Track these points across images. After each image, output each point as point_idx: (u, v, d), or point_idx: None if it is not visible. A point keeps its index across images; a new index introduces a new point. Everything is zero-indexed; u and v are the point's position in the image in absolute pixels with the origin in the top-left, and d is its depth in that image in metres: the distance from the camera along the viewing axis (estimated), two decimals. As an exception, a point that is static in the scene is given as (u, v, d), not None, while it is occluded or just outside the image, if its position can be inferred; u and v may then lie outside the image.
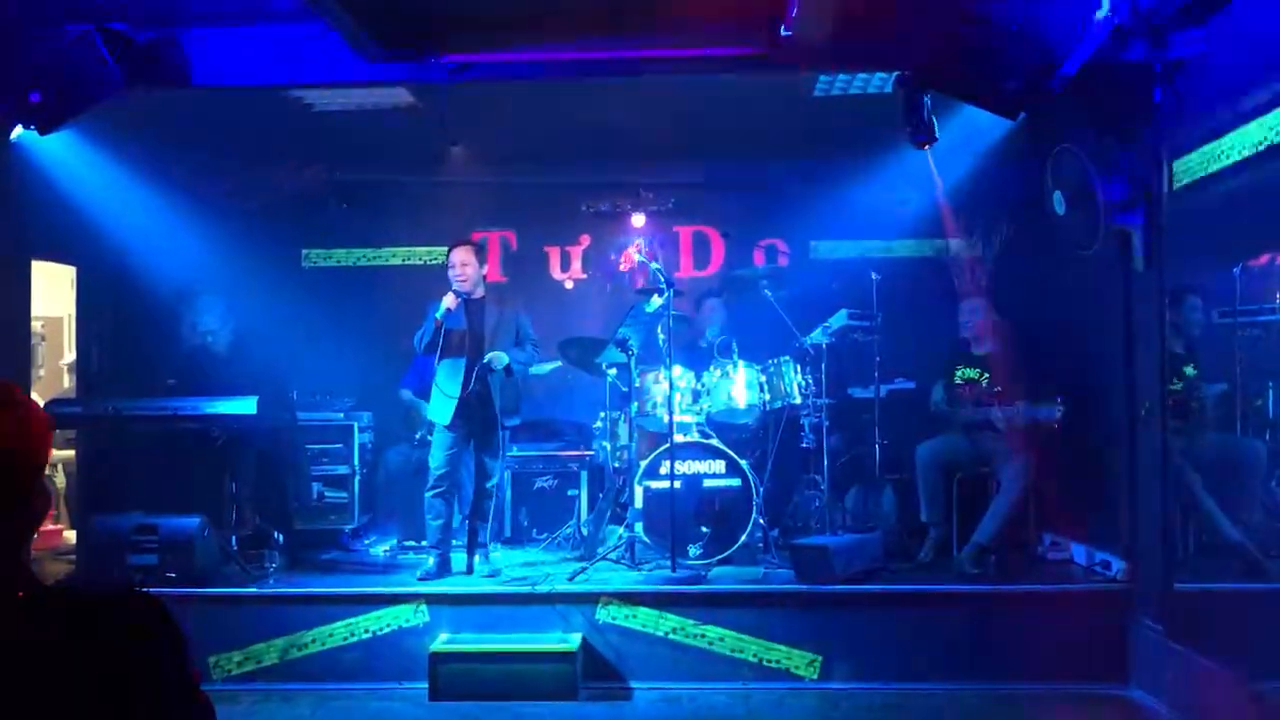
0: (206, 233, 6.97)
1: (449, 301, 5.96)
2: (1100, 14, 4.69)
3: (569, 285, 8.32)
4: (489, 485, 6.17)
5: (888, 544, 6.31)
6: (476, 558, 6.15)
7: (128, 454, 6.41)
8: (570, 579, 5.79)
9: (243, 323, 6.83)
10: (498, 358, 6.03)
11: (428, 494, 6.10)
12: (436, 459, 6.08)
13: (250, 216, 7.58)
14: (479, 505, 6.21)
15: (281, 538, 6.50)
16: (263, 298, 7.01)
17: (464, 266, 6.09)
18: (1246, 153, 5.23)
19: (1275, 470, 6.18)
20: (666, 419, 6.20)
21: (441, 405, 6.05)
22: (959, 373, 6.51)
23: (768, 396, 6.59)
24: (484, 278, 6.24)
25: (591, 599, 5.58)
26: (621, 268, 8.00)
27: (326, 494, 7.11)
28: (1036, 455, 6.12)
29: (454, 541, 6.24)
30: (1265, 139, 5.14)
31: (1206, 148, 5.44)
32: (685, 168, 8.01)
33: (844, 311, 6.69)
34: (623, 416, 6.71)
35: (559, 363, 7.31)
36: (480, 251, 6.26)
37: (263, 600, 5.68)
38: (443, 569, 6.04)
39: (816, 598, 5.57)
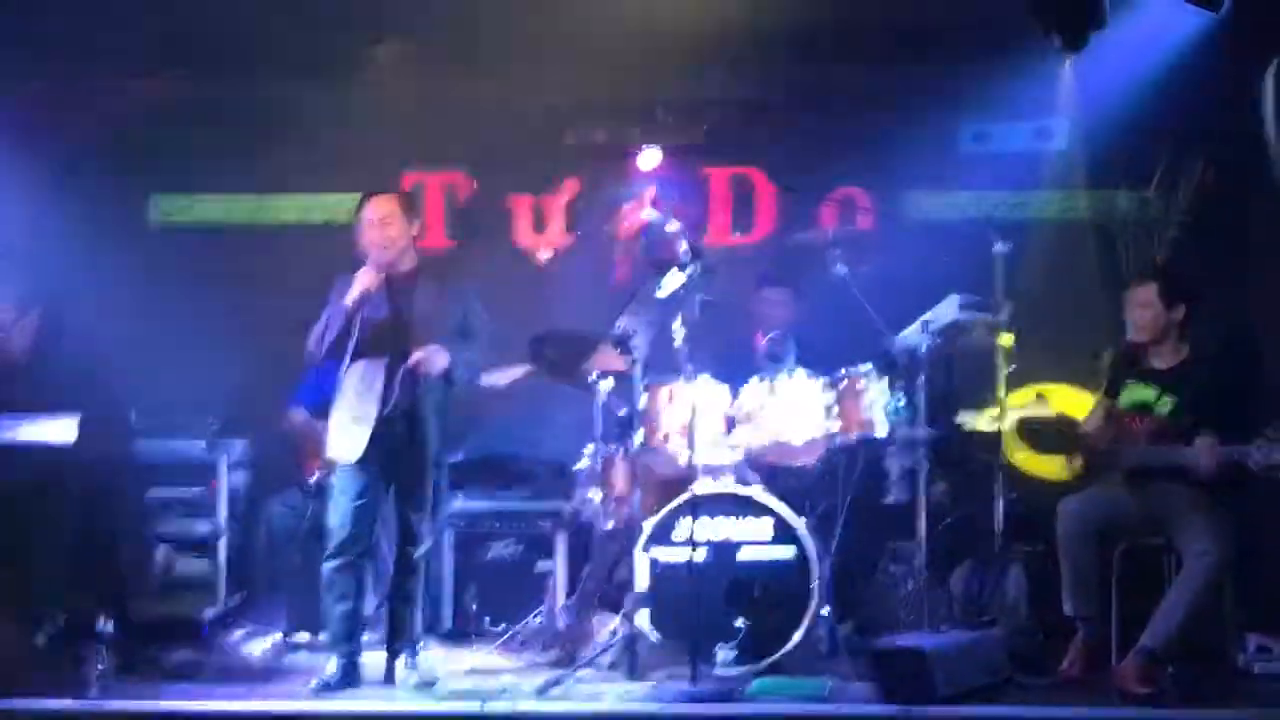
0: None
1: (366, 280, 5.98)
2: None
3: (544, 255, 8.34)
4: (416, 555, 6.17)
5: (1014, 648, 6.27)
6: (401, 660, 6.14)
7: None
8: (540, 693, 5.78)
9: (53, 308, 6.85)
10: (432, 358, 6.04)
11: (327, 566, 6.10)
12: (339, 514, 6.08)
13: (70, 146, 7.61)
14: (403, 584, 6.21)
15: (111, 627, 6.50)
16: (86, 270, 7.03)
17: (385, 225, 6.10)
18: None
19: None
20: (686, 457, 6.19)
21: (346, 433, 6.05)
22: (1127, 393, 6.49)
23: (837, 425, 6.55)
24: (415, 242, 6.26)
25: (570, 726, 5.59)
26: (623, 230, 8.01)
27: (179, 563, 7.12)
28: (1237, 519, 6.11)
29: (367, 636, 6.23)
30: None
31: None
32: (721, 78, 8.04)
33: (954, 298, 6.68)
34: (620, 452, 6.70)
35: (527, 369, 7.32)
36: (410, 203, 6.28)
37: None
38: (349, 677, 6.03)
39: (908, 726, 5.57)
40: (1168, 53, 6.54)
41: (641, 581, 6.15)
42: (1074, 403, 6.86)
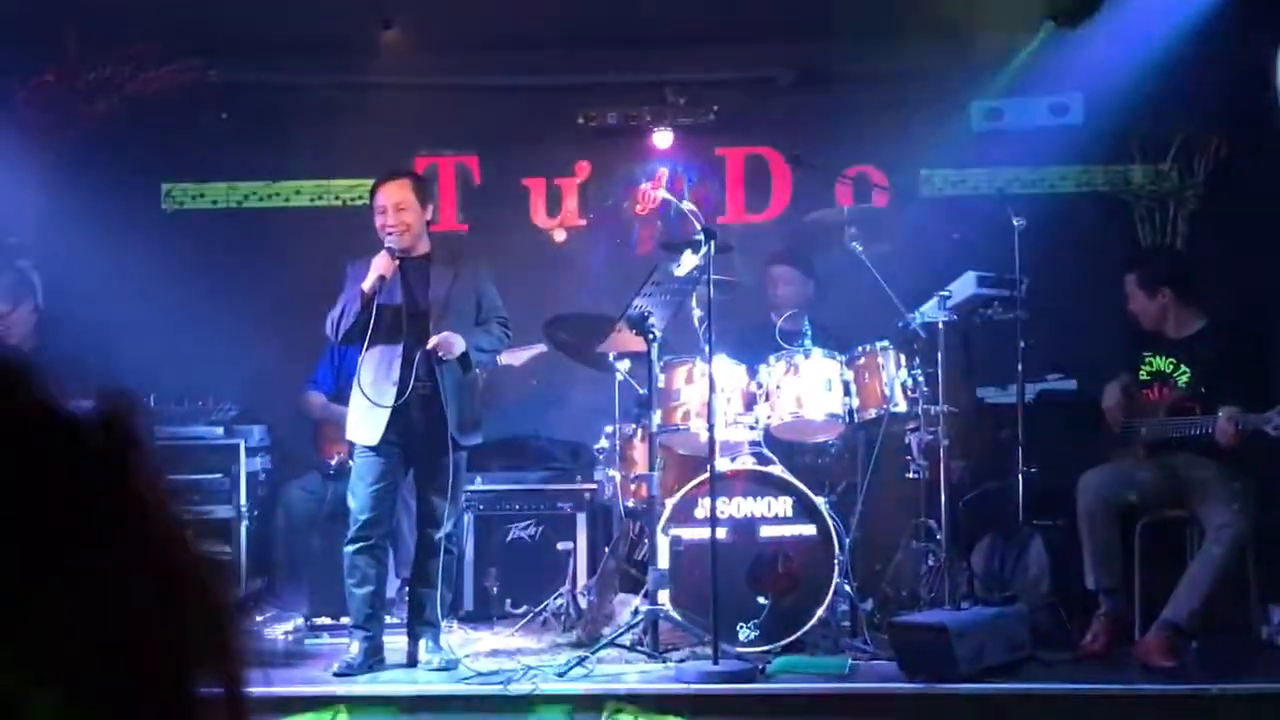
0: (4, 154, 7.02)
1: (381, 265, 5.98)
2: None
3: (559, 237, 8.34)
4: (438, 537, 6.18)
5: (1036, 623, 6.29)
6: (423, 643, 6.16)
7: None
8: (562, 674, 5.79)
9: (62, 294, 6.86)
10: (450, 342, 6.05)
11: (349, 550, 6.11)
12: (360, 498, 6.09)
13: (80, 132, 7.61)
14: (424, 567, 6.22)
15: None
16: (97, 256, 7.04)
17: (399, 211, 6.09)
18: None
19: None
20: (705, 436, 6.20)
21: (366, 417, 6.06)
22: (1146, 365, 6.48)
23: (857, 402, 6.58)
24: (428, 226, 6.25)
25: (594, 704, 5.58)
26: (638, 211, 8.01)
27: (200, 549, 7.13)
28: (1259, 490, 6.09)
29: (389, 619, 6.25)
30: None
31: None
32: (735, 57, 8.02)
33: (971, 275, 6.66)
34: (639, 432, 6.70)
35: (542, 348, 7.31)
36: (423, 187, 6.27)
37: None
38: (372, 659, 6.05)
39: (932, 702, 5.56)
40: (1184, 25, 6.50)
41: (662, 561, 6.16)
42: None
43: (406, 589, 6.31)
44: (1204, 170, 7.60)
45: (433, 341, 6.01)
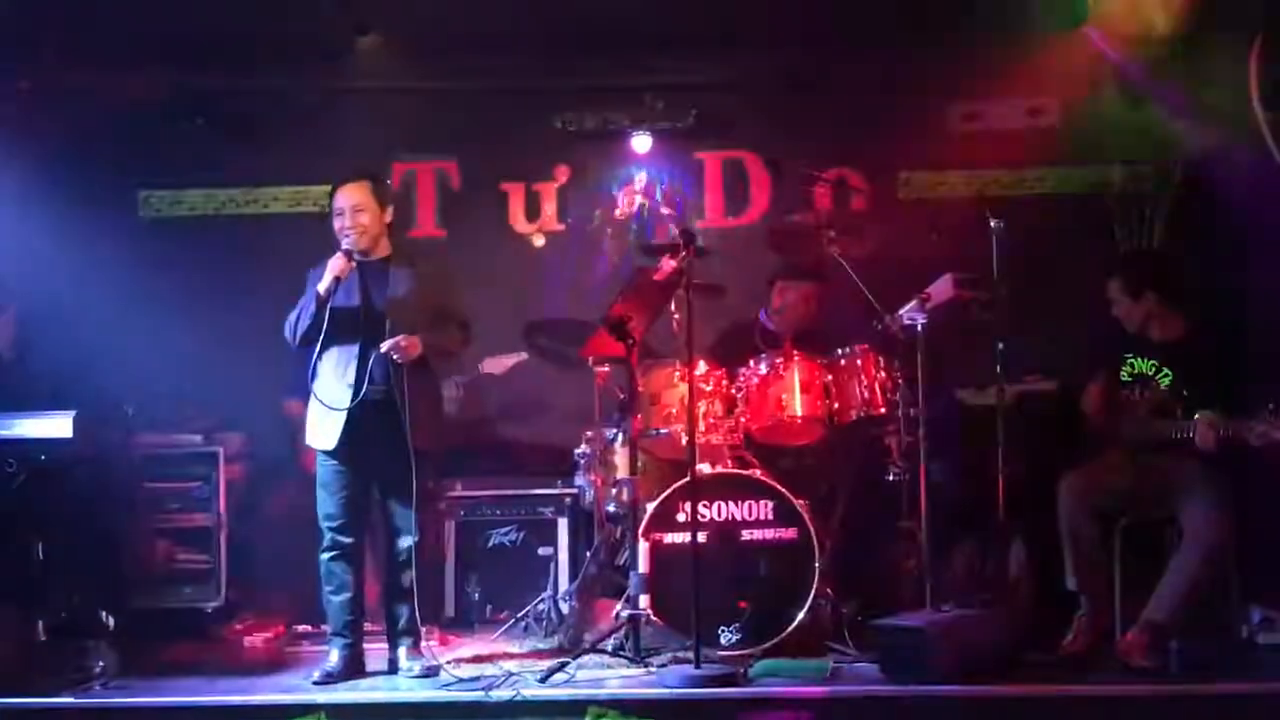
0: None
1: (337, 267, 5.95)
2: None
3: (538, 241, 8.32)
4: (406, 546, 6.12)
5: (1017, 625, 6.29)
6: (402, 649, 6.15)
7: None
8: (543, 679, 5.78)
9: (40, 304, 6.82)
10: (404, 345, 5.99)
11: (324, 557, 6.11)
12: (327, 506, 6.08)
13: (56, 139, 7.57)
14: (397, 577, 6.18)
15: (113, 622, 6.49)
16: (75, 265, 7.00)
17: (357, 213, 6.07)
18: None
19: None
20: (685, 440, 6.19)
21: (322, 421, 6.03)
22: (1127, 366, 6.48)
23: (836, 405, 6.57)
24: (388, 228, 6.21)
25: (576, 710, 5.55)
26: (618, 215, 8.00)
27: (179, 556, 7.10)
28: (1239, 492, 6.09)
29: (370, 626, 6.23)
30: None
31: None
32: (712, 61, 8.02)
33: (949, 277, 6.67)
34: (620, 436, 6.68)
35: (524, 356, 7.29)
36: (382, 189, 6.22)
37: (83, 715, 5.65)
38: (351, 667, 6.04)
39: (913, 704, 5.55)
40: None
41: (643, 565, 6.13)
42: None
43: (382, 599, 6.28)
44: (1177, 174, 7.61)
45: (386, 344, 5.95)
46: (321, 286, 5.96)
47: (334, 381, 6.03)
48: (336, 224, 6.10)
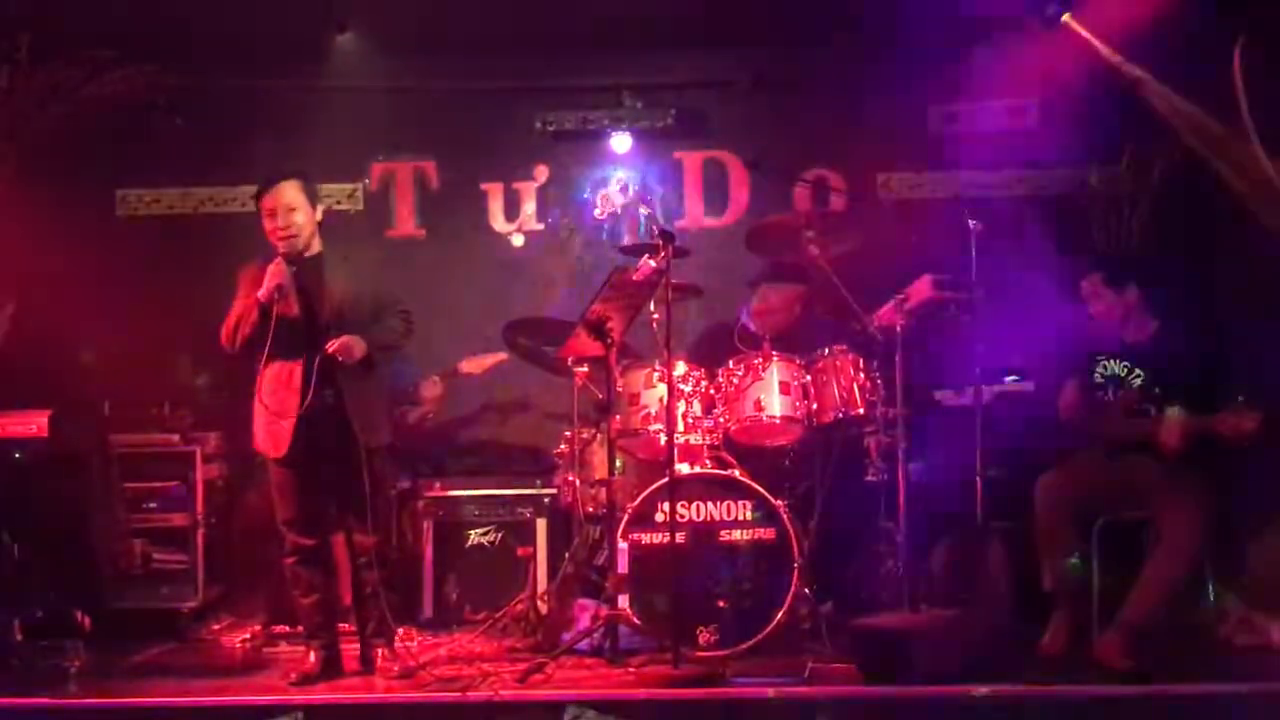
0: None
1: (277, 273, 5.86)
2: None
3: (518, 241, 8.31)
4: (364, 550, 6.07)
5: (995, 625, 6.30)
6: (379, 650, 6.14)
7: None
8: (521, 680, 5.77)
9: (17, 301, 6.80)
10: (349, 346, 5.93)
11: (288, 562, 6.08)
12: (284, 510, 6.03)
13: (32, 137, 7.54)
14: (361, 581, 6.14)
15: (88, 621, 6.46)
16: (51, 262, 6.97)
17: (290, 212, 5.97)
18: None
19: None
20: (664, 440, 6.18)
21: (271, 429, 5.96)
22: (1101, 367, 6.50)
23: (815, 405, 6.58)
24: (319, 227, 6.12)
25: (553, 710, 5.55)
26: (597, 215, 8.00)
27: (156, 556, 7.08)
28: (1216, 492, 6.12)
29: (344, 625, 6.22)
30: None
31: None
32: (692, 60, 8.02)
33: (927, 278, 6.68)
34: (598, 436, 6.67)
35: (503, 356, 7.28)
36: (311, 188, 6.12)
37: (59, 716, 5.63)
38: (329, 667, 6.03)
39: (891, 705, 5.54)
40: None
41: (622, 566, 6.13)
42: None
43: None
44: (1157, 175, 7.62)
45: (332, 347, 5.89)
46: (263, 294, 5.83)
47: (279, 389, 5.96)
48: (268, 226, 5.99)
